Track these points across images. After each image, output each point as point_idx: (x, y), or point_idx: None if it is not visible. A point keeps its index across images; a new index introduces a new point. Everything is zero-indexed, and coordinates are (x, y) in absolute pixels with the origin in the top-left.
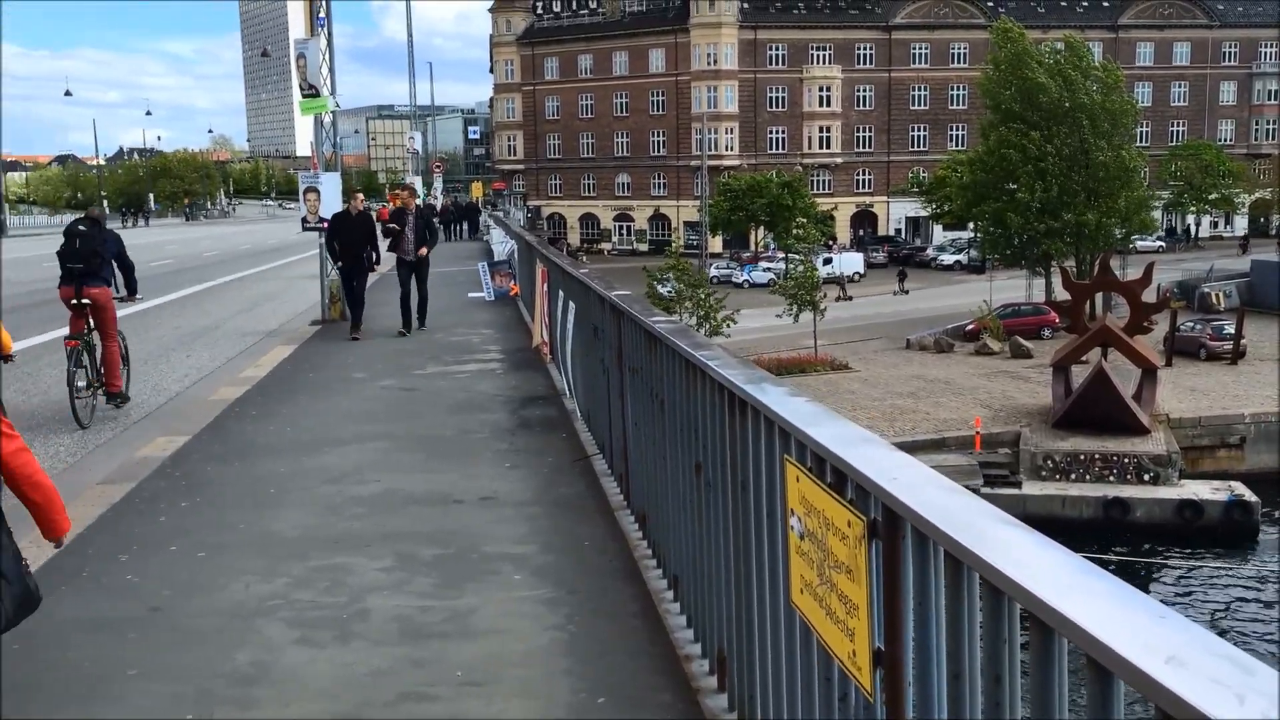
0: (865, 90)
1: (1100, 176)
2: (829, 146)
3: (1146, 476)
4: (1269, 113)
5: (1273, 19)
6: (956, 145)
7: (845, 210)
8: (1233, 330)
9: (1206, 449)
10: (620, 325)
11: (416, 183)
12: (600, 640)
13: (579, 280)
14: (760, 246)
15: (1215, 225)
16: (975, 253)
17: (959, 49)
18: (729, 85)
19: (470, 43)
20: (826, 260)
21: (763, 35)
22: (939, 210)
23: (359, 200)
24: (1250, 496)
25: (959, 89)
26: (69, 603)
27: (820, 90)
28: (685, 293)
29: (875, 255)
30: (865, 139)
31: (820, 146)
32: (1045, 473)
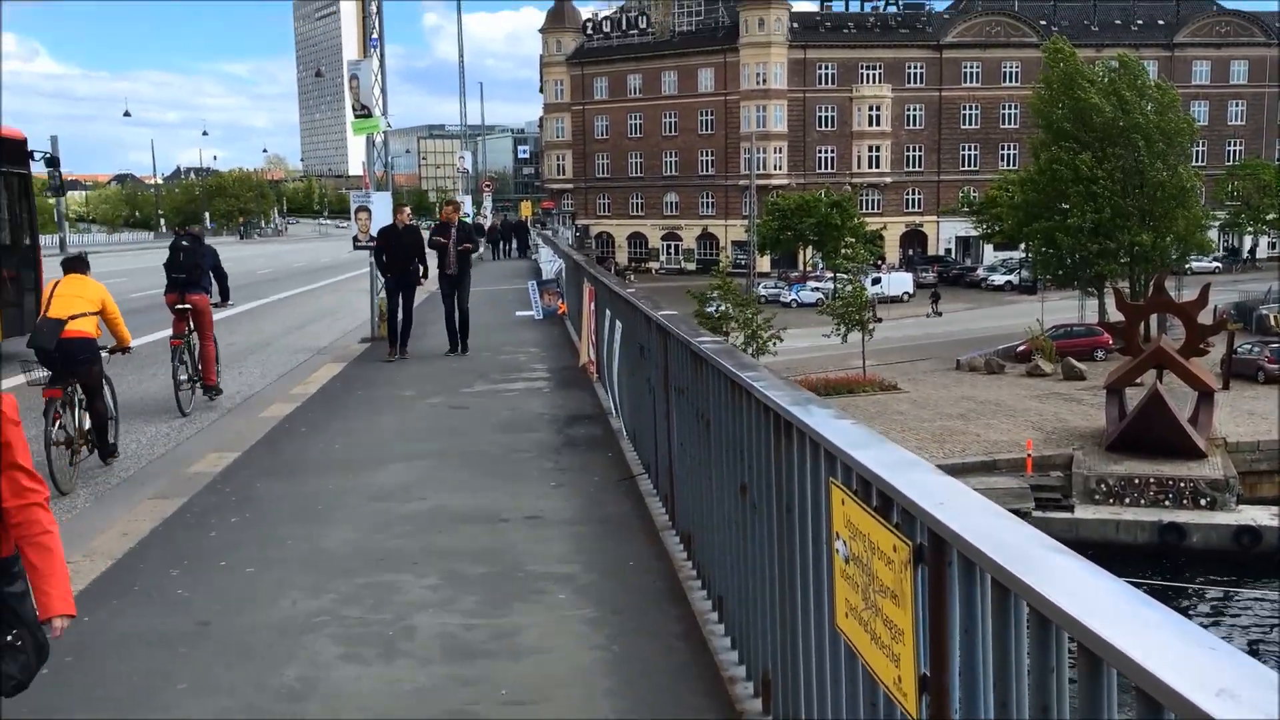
0: (915, 109)
1: (1155, 196)
2: (878, 166)
3: (1203, 501)
4: None
5: None
6: (1008, 165)
7: (894, 230)
8: None
9: (1265, 474)
10: (666, 345)
11: (466, 201)
12: (644, 661)
13: (626, 299)
14: (809, 266)
15: (1273, 246)
16: (1027, 273)
17: (1011, 68)
18: (778, 104)
19: (520, 63)
20: (875, 280)
21: (812, 54)
22: (990, 230)
23: (405, 213)
24: None
25: (1010, 108)
26: (122, 616)
27: (870, 109)
28: (732, 312)
29: (925, 275)
30: (915, 158)
31: (869, 166)
32: (1098, 496)
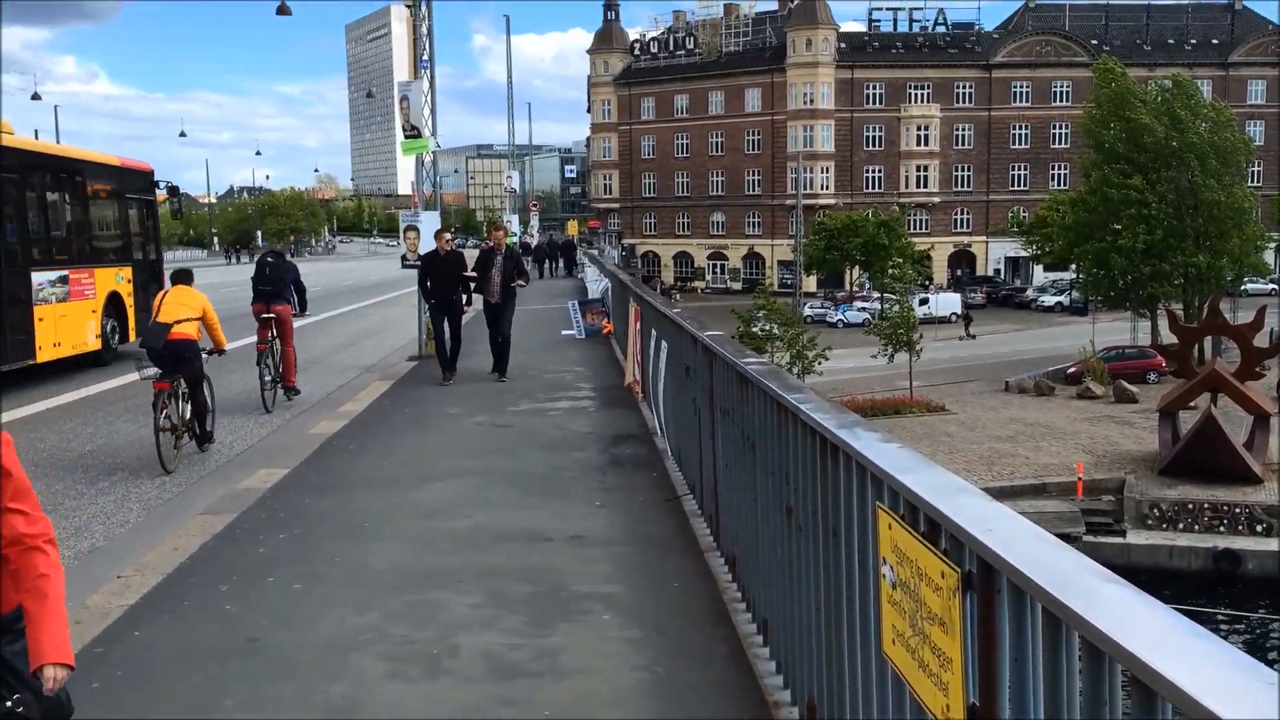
0: (964, 129)
1: (1210, 217)
2: (926, 186)
3: (1259, 528)
4: None
5: None
6: (1058, 184)
7: (942, 250)
8: None
9: None
10: (712, 366)
11: (513, 222)
12: (688, 683)
13: (671, 319)
14: (855, 286)
15: None
16: (1077, 294)
17: (1061, 87)
18: (825, 124)
19: (568, 83)
20: (923, 300)
21: (860, 74)
22: (1040, 250)
23: (445, 239)
24: None
25: (1061, 128)
26: (173, 631)
27: (918, 129)
28: (778, 332)
29: (973, 296)
30: (964, 178)
31: (917, 185)
32: (1151, 521)
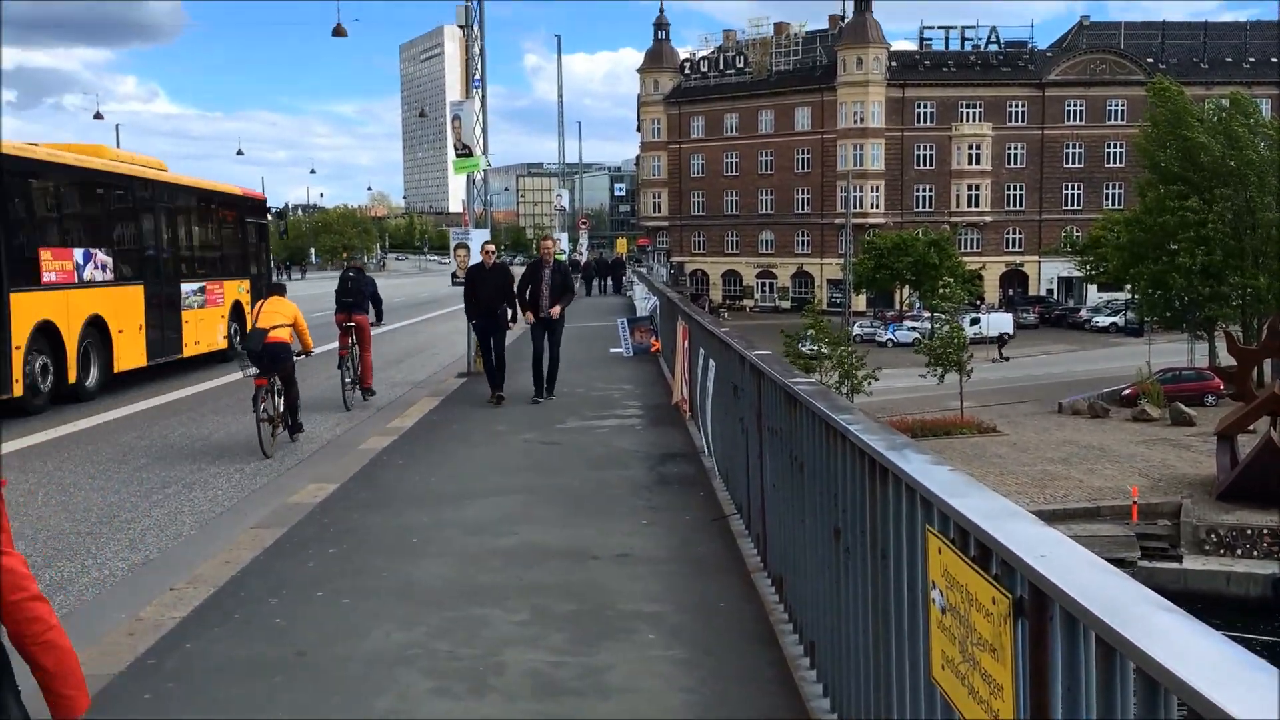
0: (1016, 148)
1: (1269, 237)
2: (977, 205)
3: None
4: None
5: None
6: (1113, 204)
7: (994, 270)
8: None
9: None
10: (760, 385)
11: (562, 239)
12: (734, 705)
13: (719, 338)
14: (905, 305)
15: None
16: (1132, 315)
17: (1116, 105)
18: (875, 143)
19: (618, 102)
20: (974, 320)
21: (911, 93)
22: (1094, 270)
23: (490, 253)
24: None
25: (1116, 146)
26: (222, 643)
27: (970, 148)
28: (826, 351)
29: (1026, 316)
30: (1016, 197)
31: (969, 205)
32: (1209, 547)
